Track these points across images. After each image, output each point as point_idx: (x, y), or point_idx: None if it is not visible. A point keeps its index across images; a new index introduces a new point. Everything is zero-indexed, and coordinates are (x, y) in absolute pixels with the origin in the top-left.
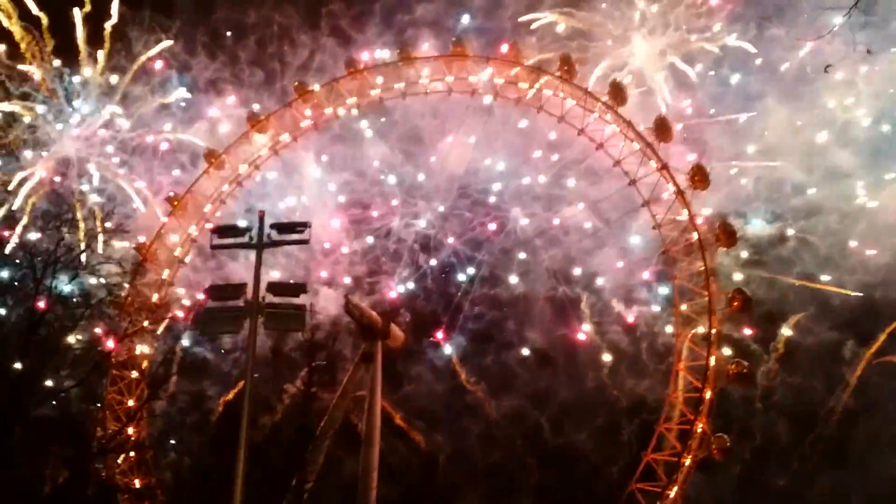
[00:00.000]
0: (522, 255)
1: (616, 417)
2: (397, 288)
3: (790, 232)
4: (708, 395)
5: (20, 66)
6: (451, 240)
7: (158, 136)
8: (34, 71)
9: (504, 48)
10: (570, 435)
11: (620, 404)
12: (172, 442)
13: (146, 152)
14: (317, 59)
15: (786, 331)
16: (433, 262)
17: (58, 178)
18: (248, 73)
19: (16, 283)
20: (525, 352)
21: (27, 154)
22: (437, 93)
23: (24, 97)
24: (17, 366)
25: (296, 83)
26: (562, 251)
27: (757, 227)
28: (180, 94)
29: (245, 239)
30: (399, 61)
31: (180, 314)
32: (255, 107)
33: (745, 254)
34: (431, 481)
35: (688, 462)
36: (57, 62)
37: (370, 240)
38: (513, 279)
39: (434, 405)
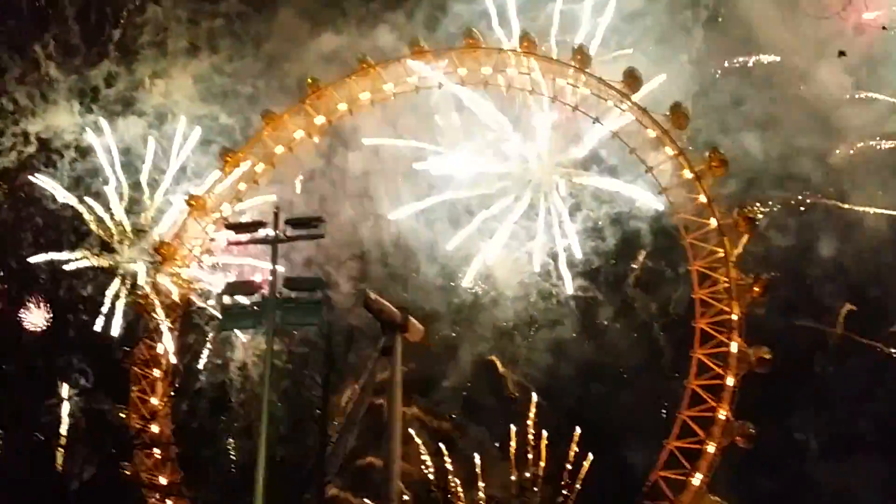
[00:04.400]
0: None
1: None
2: None
3: None
4: (730, 381)
5: None
6: None
7: None
8: None
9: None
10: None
11: None
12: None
13: None
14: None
15: None
16: None
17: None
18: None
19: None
20: None
21: None
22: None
23: None
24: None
25: (309, 80)
26: None
27: None
28: None
29: (260, 235)
30: (412, 55)
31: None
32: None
33: None
34: None
35: (711, 449)
36: None
37: None
38: None
39: None
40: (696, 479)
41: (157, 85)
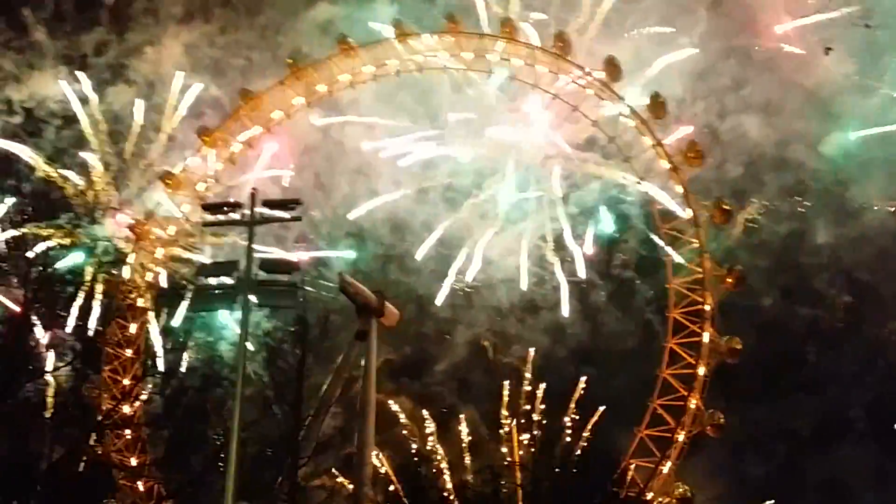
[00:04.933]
0: None
1: None
2: None
3: None
4: (701, 370)
5: None
6: None
7: None
8: None
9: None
10: None
11: None
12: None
13: None
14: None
15: None
16: None
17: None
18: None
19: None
20: None
21: None
22: (432, 69)
23: None
24: None
25: (289, 60)
26: None
27: None
28: None
29: (236, 216)
30: (395, 38)
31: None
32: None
33: None
34: None
35: (681, 438)
36: None
37: None
38: None
39: None
40: (666, 467)
41: (147, 53)
